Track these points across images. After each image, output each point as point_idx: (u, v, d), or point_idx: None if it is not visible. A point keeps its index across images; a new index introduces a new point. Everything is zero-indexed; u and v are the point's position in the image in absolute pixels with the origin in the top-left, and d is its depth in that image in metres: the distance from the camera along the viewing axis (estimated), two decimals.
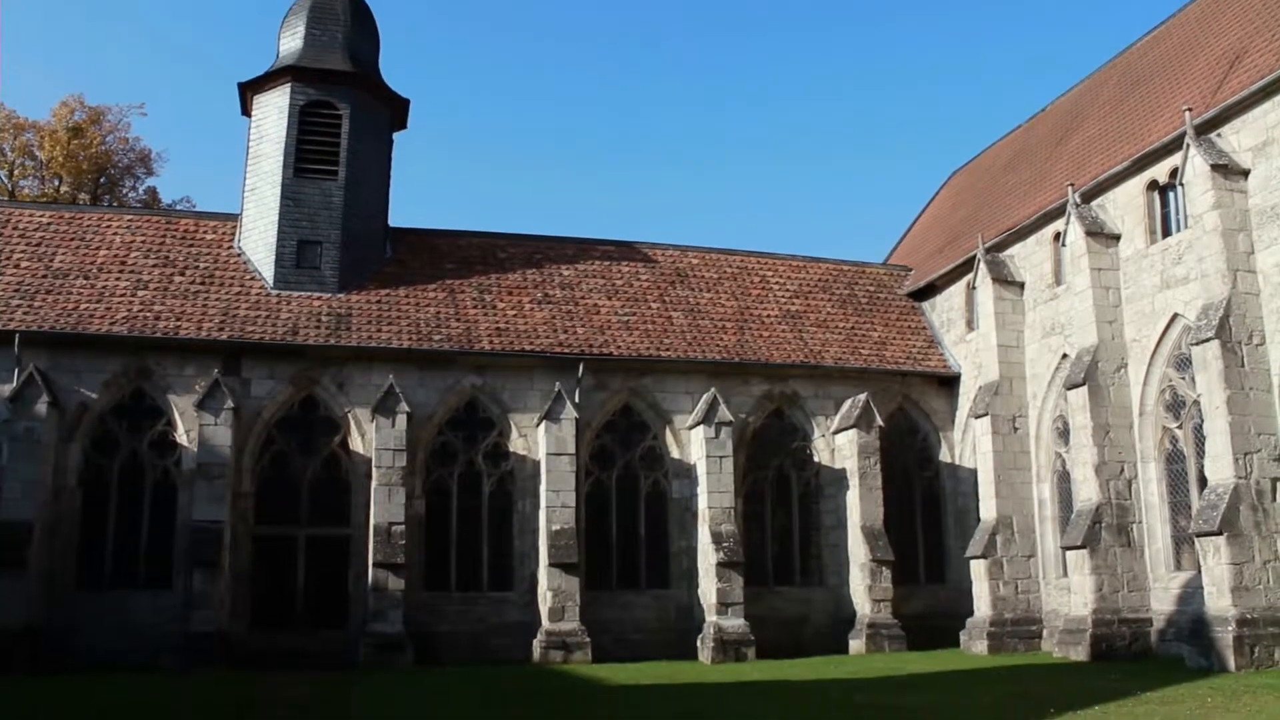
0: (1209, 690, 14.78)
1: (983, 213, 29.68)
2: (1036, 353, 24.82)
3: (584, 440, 24.87)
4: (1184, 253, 20.67)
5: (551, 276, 27.38)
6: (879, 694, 16.12)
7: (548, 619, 23.25)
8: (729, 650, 23.10)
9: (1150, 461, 21.48)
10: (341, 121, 26.26)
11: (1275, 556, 18.05)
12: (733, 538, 24.23)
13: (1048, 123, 30.95)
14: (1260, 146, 19.20)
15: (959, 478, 27.55)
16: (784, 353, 26.92)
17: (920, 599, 26.47)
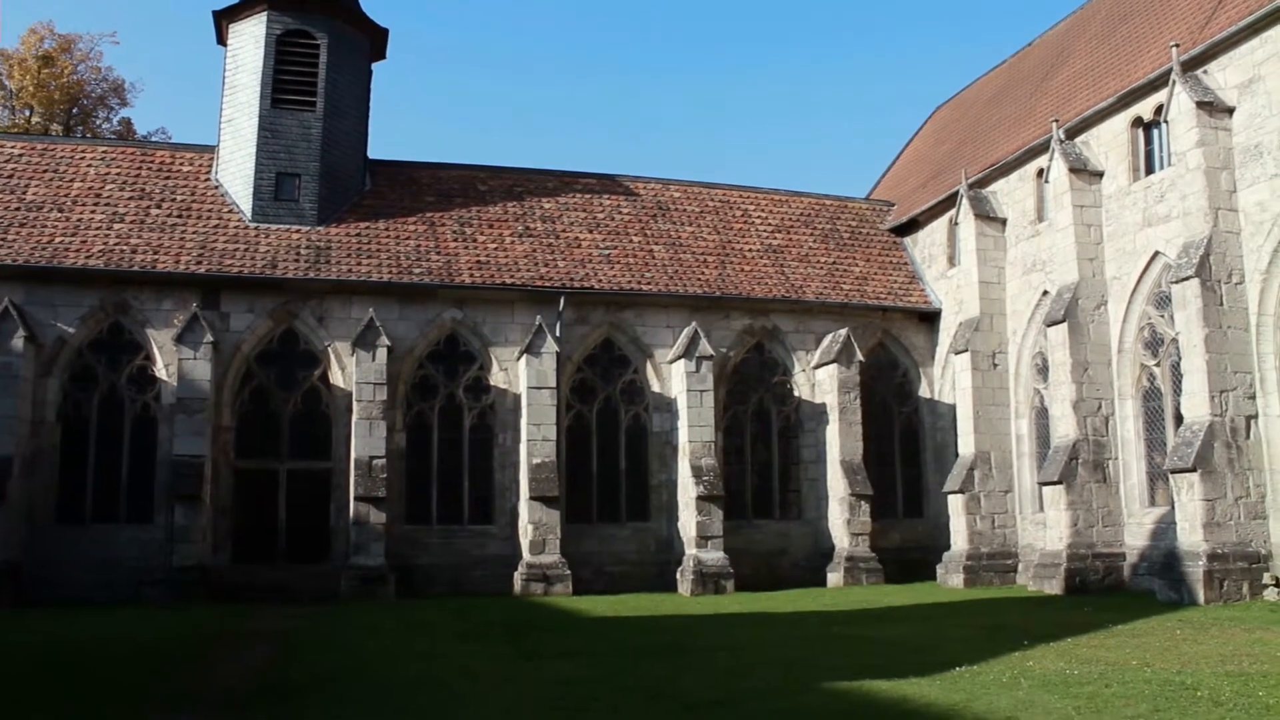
0: (1178, 623, 15.02)
1: (966, 148, 29.55)
2: (1017, 289, 24.85)
3: (565, 374, 24.87)
4: (1166, 191, 20.64)
5: (532, 209, 27.20)
6: (856, 625, 16.33)
7: (528, 552, 23.41)
8: (708, 583, 23.33)
9: (1128, 399, 21.63)
10: (319, 51, 25.83)
11: (1247, 493, 18.27)
12: (712, 471, 24.36)
13: (1034, 57, 30.71)
14: (1246, 84, 19.11)
15: (938, 413, 27.71)
16: (765, 287, 26.88)
17: (898, 533, 26.75)
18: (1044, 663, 11.31)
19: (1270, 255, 18.40)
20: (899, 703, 9.34)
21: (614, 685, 10.76)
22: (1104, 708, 8.72)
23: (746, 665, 11.96)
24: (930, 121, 37.35)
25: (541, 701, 10.00)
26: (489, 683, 11.27)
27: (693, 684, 10.66)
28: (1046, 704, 8.95)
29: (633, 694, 10.23)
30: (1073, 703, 8.96)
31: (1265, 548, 18.14)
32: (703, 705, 9.48)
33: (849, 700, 9.61)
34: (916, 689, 9.87)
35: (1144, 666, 10.91)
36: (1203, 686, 9.55)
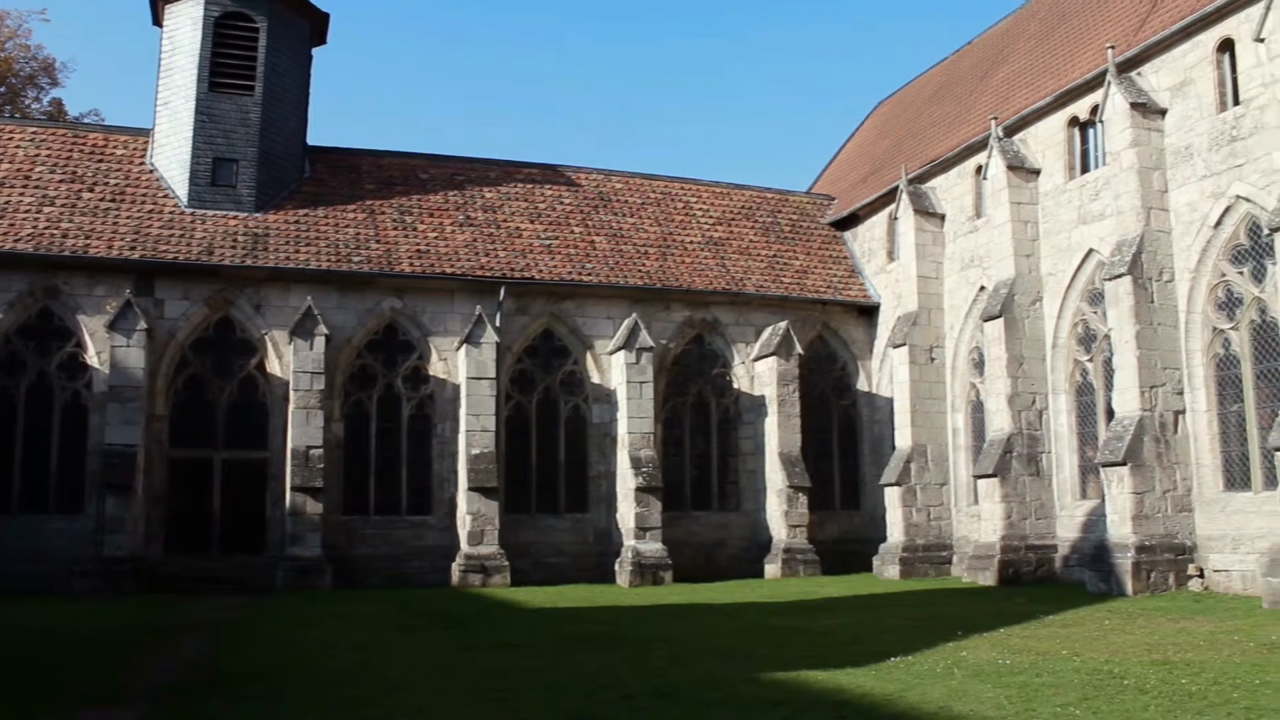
0: (1107, 613, 15.31)
1: (907, 144, 29.82)
2: (955, 284, 25.14)
3: (504, 364, 24.79)
4: (1101, 189, 20.98)
5: (474, 199, 27.05)
6: (793, 616, 16.44)
7: (466, 543, 23.32)
8: (646, 574, 23.38)
9: (1061, 393, 21.98)
10: (259, 35, 25.43)
11: (1174, 487, 18.65)
12: (651, 463, 24.40)
13: (974, 55, 31.06)
14: (1178, 86, 19.46)
15: (876, 406, 27.98)
16: (706, 279, 26.96)
17: (835, 524, 27.00)
18: (977, 653, 11.46)
19: (1199, 254, 18.78)
20: (835, 692, 9.41)
21: (551, 676, 10.75)
22: (1034, 697, 8.86)
23: (684, 656, 12.00)
24: (871, 117, 37.63)
25: (479, 692, 9.96)
26: (426, 674, 11.20)
27: (630, 674, 10.67)
28: (979, 693, 9.08)
29: (570, 685, 10.22)
30: (1004, 692, 9.09)
31: (1190, 540, 18.55)
32: (640, 695, 9.49)
33: (785, 690, 9.67)
34: (852, 679, 9.96)
35: (1074, 656, 11.10)
36: (1129, 675, 9.73)
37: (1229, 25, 18.56)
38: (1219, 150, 18.55)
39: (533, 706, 9.21)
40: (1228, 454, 18.50)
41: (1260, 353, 17.93)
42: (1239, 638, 12.22)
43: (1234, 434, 18.43)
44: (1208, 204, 18.67)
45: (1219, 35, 18.77)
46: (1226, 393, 18.60)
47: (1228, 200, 18.33)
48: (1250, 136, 18.00)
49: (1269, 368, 17.64)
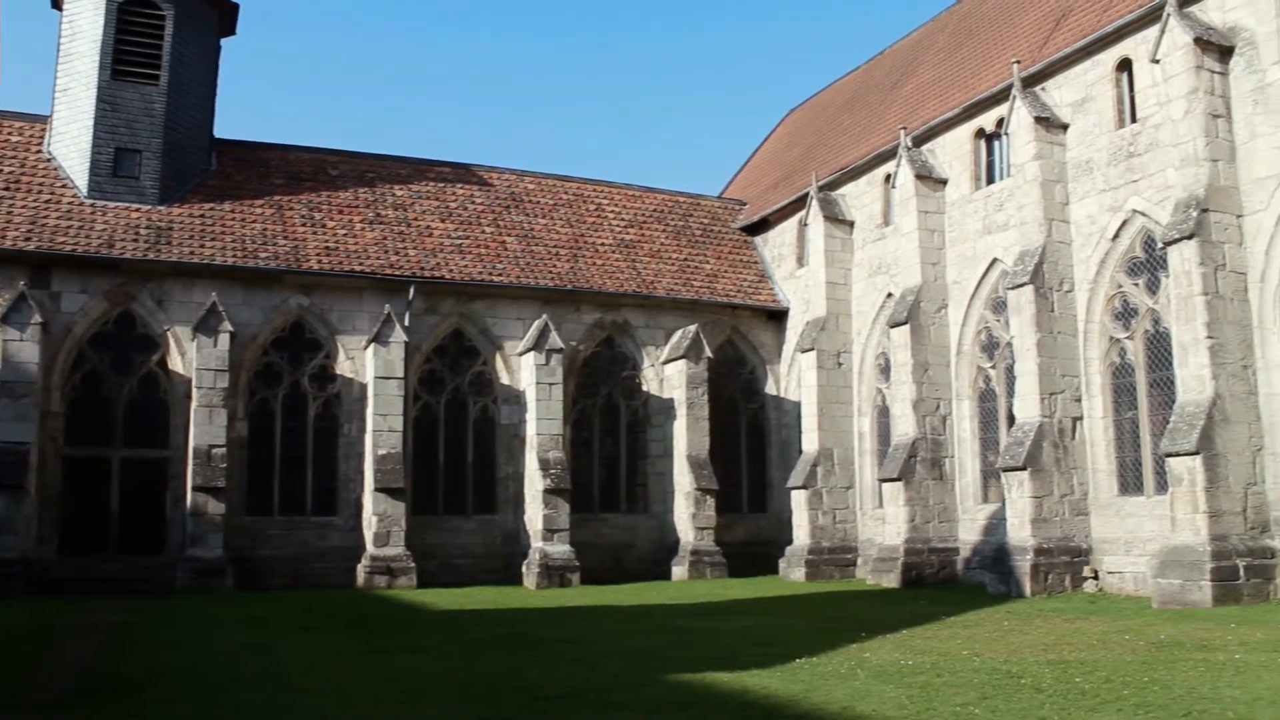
0: (1006, 614, 15.64)
1: (818, 151, 30.17)
2: (863, 290, 25.49)
3: (413, 364, 24.56)
4: (1005, 200, 21.45)
5: (384, 196, 26.75)
6: (700, 618, 16.52)
7: (372, 544, 23.04)
8: (554, 576, 23.32)
9: (965, 399, 22.41)
10: (164, 23, 24.78)
11: (1072, 491, 19.14)
12: (560, 464, 24.36)
13: (885, 65, 31.54)
14: (1079, 103, 19.99)
15: (783, 410, 28.25)
16: (616, 282, 26.99)
17: (742, 527, 27.20)
18: (880, 654, 11.62)
19: (1098, 266, 19.31)
20: (740, 694, 9.48)
21: (459, 678, 10.67)
22: (935, 696, 9.01)
23: (591, 658, 11.99)
24: (783, 124, 38.01)
25: (385, 695, 9.85)
26: (331, 677, 11.04)
27: (538, 676, 10.63)
28: (881, 693, 9.20)
29: (478, 687, 10.16)
30: (906, 692, 9.23)
31: (1086, 542, 19.05)
32: (549, 698, 9.46)
33: (692, 691, 9.72)
34: (757, 680, 10.04)
35: (974, 656, 11.31)
36: (1027, 674, 9.95)
37: (1127, 46, 19.15)
38: (1117, 165, 19.09)
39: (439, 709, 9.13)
40: (1122, 459, 19.05)
41: (1153, 362, 18.50)
42: (1130, 637, 12.57)
43: (1128, 440, 18.99)
44: (1106, 217, 19.21)
45: (1118, 55, 19.36)
46: (1122, 400, 19.15)
47: (1125, 214, 18.88)
48: (1146, 153, 18.56)
49: (1161, 376, 18.19)
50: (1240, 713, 8.09)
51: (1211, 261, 16.43)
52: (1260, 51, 16.87)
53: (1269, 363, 16.45)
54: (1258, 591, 15.68)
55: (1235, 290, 16.61)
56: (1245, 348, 16.54)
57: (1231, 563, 15.61)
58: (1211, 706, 8.31)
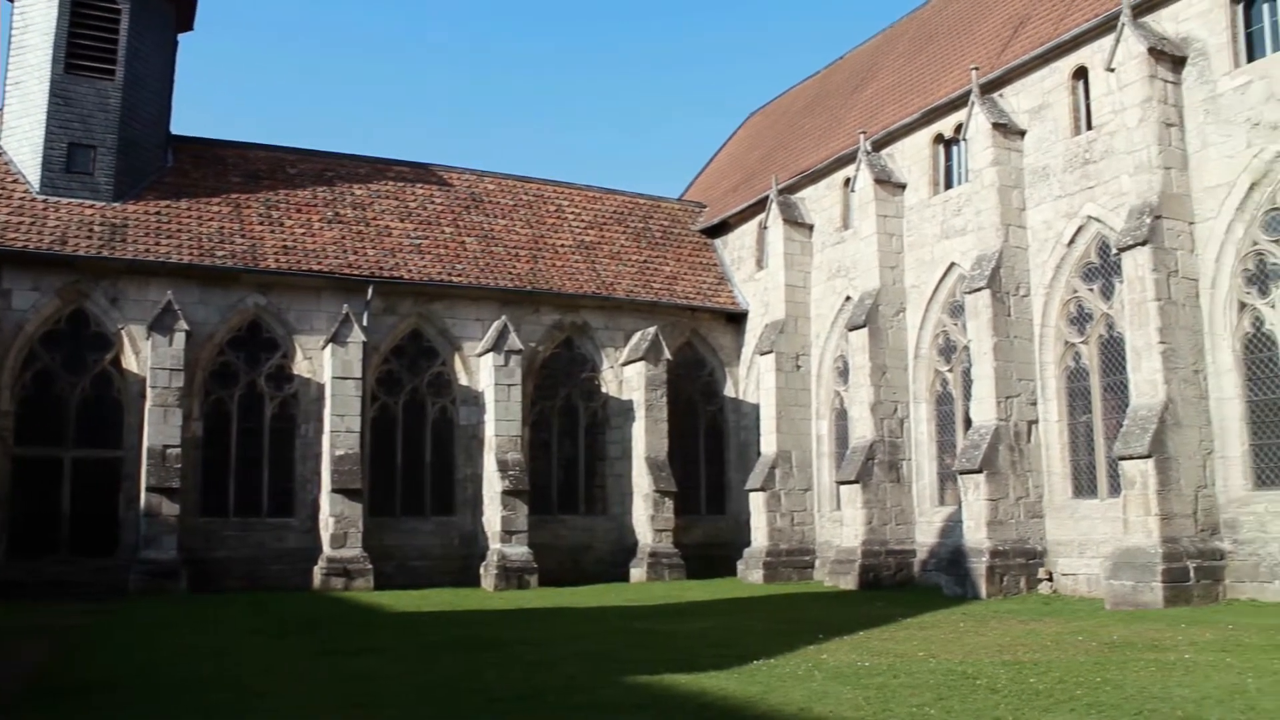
0: (962, 616, 15.76)
1: (778, 154, 30.29)
2: (822, 294, 25.61)
3: (371, 364, 24.42)
4: (963, 205, 21.63)
5: (343, 195, 26.58)
6: (658, 620, 16.52)
7: (329, 545, 22.88)
8: (512, 577, 23.26)
9: (922, 402, 22.57)
10: (120, 17, 24.43)
11: (1027, 494, 19.33)
12: (518, 466, 24.30)
13: (845, 70, 31.72)
14: (1036, 109, 20.21)
15: (742, 412, 28.34)
16: (576, 283, 26.97)
17: (700, 529, 27.25)
18: (837, 655, 11.67)
19: (1053, 271, 19.52)
20: (697, 695, 9.48)
21: (415, 681, 10.60)
22: (892, 697, 9.06)
23: (549, 660, 11.96)
24: (744, 127, 38.13)
25: (341, 698, 9.78)
26: (286, 680, 10.95)
27: (495, 679, 10.59)
28: (838, 695, 9.24)
29: (434, 689, 10.10)
30: (863, 693, 9.27)
31: (1041, 544, 19.25)
32: (505, 700, 9.43)
33: (649, 693, 9.71)
34: (715, 682, 10.05)
35: (930, 657, 11.39)
36: (982, 675, 10.03)
37: (1084, 54, 19.38)
38: (1073, 172, 19.31)
39: (396, 711, 9.07)
40: (1077, 462, 19.26)
41: (1107, 366, 18.72)
42: (1083, 638, 12.70)
43: (1082, 443, 19.21)
44: (1062, 223, 19.43)
45: (1075, 63, 19.59)
46: (1076, 404, 19.37)
47: (1080, 220, 19.11)
48: (1101, 160, 18.79)
49: (1115, 380, 18.40)
50: (1189, 711, 8.19)
51: (1164, 268, 16.66)
52: (1211, 62, 17.14)
53: (1219, 368, 16.71)
54: (1207, 592, 15.91)
55: (1187, 296, 16.85)
56: (1196, 353, 16.78)
57: (1182, 564, 15.83)
58: (1162, 705, 8.42)
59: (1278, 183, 16.20)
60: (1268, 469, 16.21)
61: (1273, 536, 15.80)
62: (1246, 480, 16.35)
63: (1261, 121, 16.36)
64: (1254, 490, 16.26)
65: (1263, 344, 16.39)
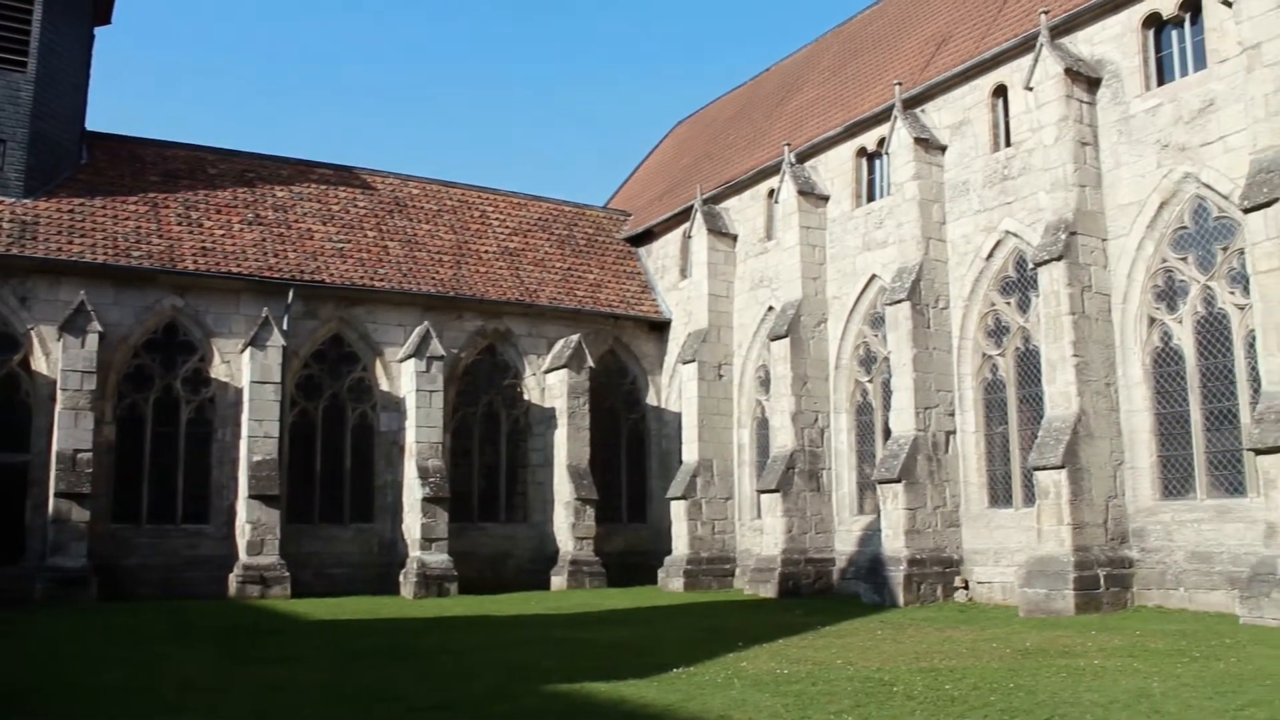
0: (880, 624, 15.94)
1: (703, 164, 30.46)
2: (745, 303, 25.79)
3: (290, 369, 24.08)
4: (885, 218, 21.93)
5: (264, 197, 26.19)
6: (578, 628, 16.49)
7: (245, 552, 22.48)
8: (431, 585, 23.06)
9: (842, 412, 22.82)
10: (33, 7, 23.72)
11: (944, 503, 19.63)
12: (439, 473, 24.13)
13: (771, 82, 32.00)
14: (957, 125, 20.57)
15: (664, 421, 28.41)
16: (499, 289, 26.87)
17: (622, 537, 27.26)
18: (757, 663, 11.74)
19: (972, 284, 19.87)
20: (617, 704, 9.48)
21: (332, 690, 10.48)
22: (810, 705, 9.13)
23: (468, 668, 11.89)
24: (670, 136, 38.30)
25: (256, 708, 9.62)
26: (200, 689, 10.75)
27: (414, 688, 10.50)
28: (757, 702, 9.30)
29: (352, 698, 9.99)
30: (781, 701, 9.34)
31: (958, 553, 19.56)
32: (424, 709, 9.35)
33: (569, 701, 9.70)
34: (635, 690, 10.06)
35: (848, 665, 11.50)
36: (899, 682, 10.16)
37: (1003, 73, 19.79)
38: (992, 187, 19.69)
39: None
40: (993, 473, 19.61)
41: (1023, 378, 19.09)
42: (997, 645, 12.92)
43: (999, 454, 19.56)
44: (981, 237, 19.80)
45: (995, 81, 20.00)
46: (993, 415, 19.72)
47: (998, 234, 19.49)
48: (1019, 176, 19.18)
49: (1030, 392, 18.77)
50: (1098, 715, 8.38)
51: (1078, 283, 17.04)
52: (1124, 84, 17.61)
53: (1129, 381, 17.13)
54: (1116, 600, 16.30)
55: (1100, 311, 17.26)
56: (1108, 366, 17.18)
57: (1093, 572, 16.19)
58: (1072, 710, 8.60)
59: (1186, 202, 16.68)
60: (1174, 480, 16.65)
61: (1178, 545, 16.23)
62: (1154, 490, 16.79)
63: (1170, 143, 16.83)
64: (1161, 500, 16.70)
65: (1171, 358, 16.84)
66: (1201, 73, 16.67)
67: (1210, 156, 16.29)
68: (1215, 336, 16.33)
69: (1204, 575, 15.83)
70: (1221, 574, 15.54)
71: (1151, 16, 17.43)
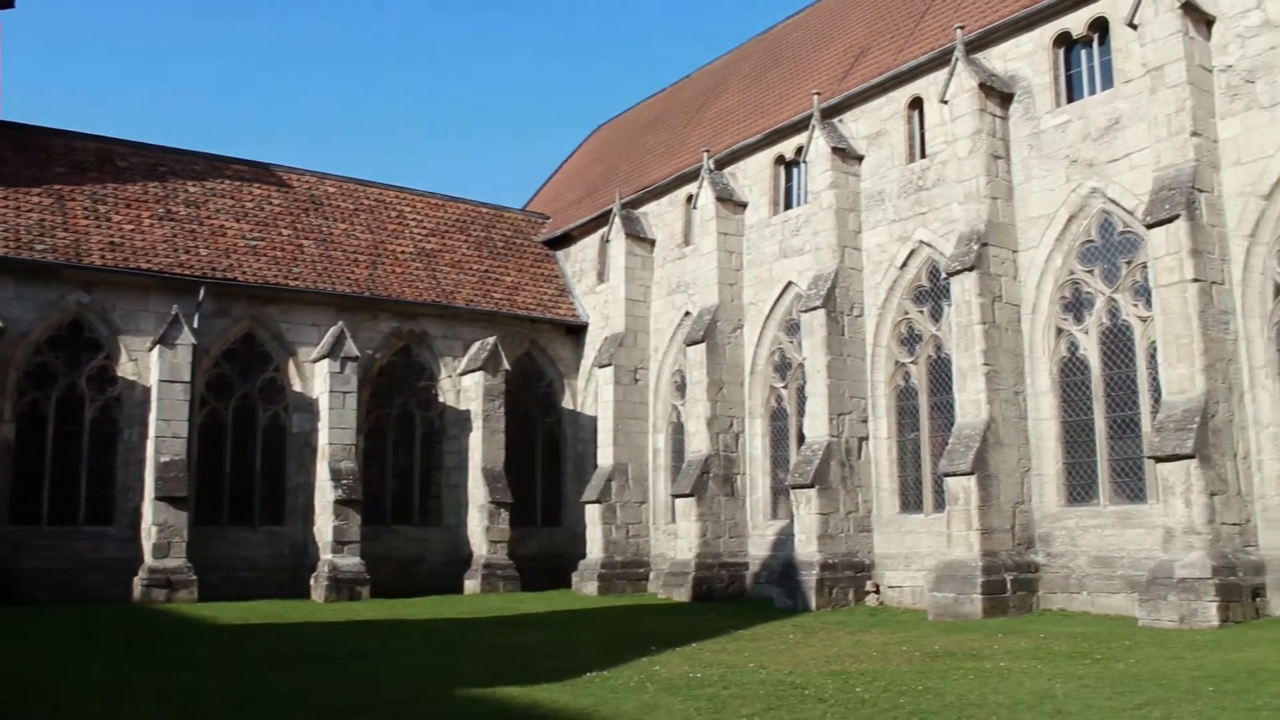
0: (792, 628, 16.10)
1: (623, 168, 30.52)
2: (661, 308, 25.88)
3: (201, 368, 23.61)
4: (802, 226, 22.17)
5: (176, 192, 25.65)
6: (491, 632, 16.41)
7: (151, 555, 21.99)
8: (343, 589, 22.78)
9: (757, 418, 23.00)
10: None
11: (857, 508, 19.89)
12: (352, 475, 23.85)
13: (692, 89, 32.17)
14: (874, 136, 20.87)
15: (580, 424, 28.39)
16: (416, 290, 26.65)
17: (536, 541, 27.18)
18: (670, 667, 11.78)
19: (886, 292, 20.17)
20: (530, 708, 9.46)
21: (240, 695, 10.29)
22: (722, 708, 9.19)
23: (380, 673, 11.77)
24: (590, 139, 38.31)
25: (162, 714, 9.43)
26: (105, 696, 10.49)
27: (324, 693, 10.36)
28: (670, 706, 9.33)
29: (261, 704, 9.82)
30: (694, 704, 9.38)
31: (869, 558, 19.83)
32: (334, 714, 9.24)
33: (483, 706, 9.65)
34: (548, 694, 10.04)
35: (760, 669, 11.59)
36: (810, 685, 10.26)
37: (920, 85, 20.13)
38: (907, 198, 20.01)
39: None
40: (904, 479, 19.92)
41: (935, 386, 19.42)
42: (907, 648, 13.12)
43: (910, 460, 19.88)
44: (895, 246, 20.11)
45: (911, 93, 20.33)
46: (905, 421, 20.03)
47: (913, 244, 19.81)
48: (933, 188, 19.52)
49: (942, 400, 19.10)
50: (1004, 716, 8.56)
51: (989, 293, 17.39)
52: (1036, 100, 18.03)
53: (1037, 389, 17.52)
54: (1022, 603, 16.65)
55: (1009, 321, 17.63)
56: (1017, 375, 17.56)
57: (1000, 577, 16.52)
58: (978, 712, 8.77)
59: (1093, 217, 17.13)
60: (1079, 486, 17.06)
61: (1081, 550, 16.64)
62: (1060, 497, 17.19)
63: (1079, 159, 17.27)
64: (1066, 506, 17.10)
65: (1077, 368, 17.26)
66: (1109, 91, 17.14)
67: (1116, 173, 16.75)
68: (1119, 347, 16.78)
69: (1106, 579, 16.25)
70: (1122, 578, 15.96)
71: (1062, 35, 17.88)
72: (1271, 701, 8.78)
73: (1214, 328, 14.76)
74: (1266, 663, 10.71)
